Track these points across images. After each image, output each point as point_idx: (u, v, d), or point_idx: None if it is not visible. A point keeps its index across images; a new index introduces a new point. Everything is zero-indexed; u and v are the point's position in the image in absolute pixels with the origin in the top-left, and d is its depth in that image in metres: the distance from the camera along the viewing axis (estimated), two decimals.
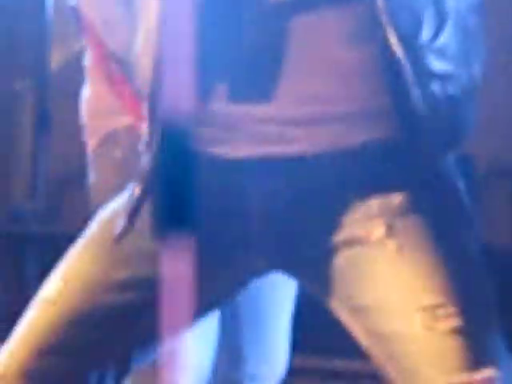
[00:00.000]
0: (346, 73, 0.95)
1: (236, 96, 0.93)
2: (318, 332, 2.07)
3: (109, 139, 1.41)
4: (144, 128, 0.99)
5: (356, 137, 0.94)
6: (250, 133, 0.95)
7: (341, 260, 0.99)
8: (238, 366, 1.65)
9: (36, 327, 1.08)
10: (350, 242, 0.99)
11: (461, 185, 1.00)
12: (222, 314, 1.52)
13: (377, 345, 0.99)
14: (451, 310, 0.94)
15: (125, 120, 1.37)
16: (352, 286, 0.98)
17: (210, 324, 1.51)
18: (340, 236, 0.99)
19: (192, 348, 1.26)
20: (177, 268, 0.93)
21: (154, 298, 1.00)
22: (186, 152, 0.92)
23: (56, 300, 1.07)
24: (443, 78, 0.97)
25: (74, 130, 1.38)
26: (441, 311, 0.94)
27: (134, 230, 1.02)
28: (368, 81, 0.96)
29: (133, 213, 1.02)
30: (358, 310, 0.99)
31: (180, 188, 0.94)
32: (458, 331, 0.94)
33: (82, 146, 1.40)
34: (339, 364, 2.67)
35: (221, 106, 0.94)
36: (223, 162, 0.98)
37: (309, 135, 0.93)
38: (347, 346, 1.11)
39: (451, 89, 0.96)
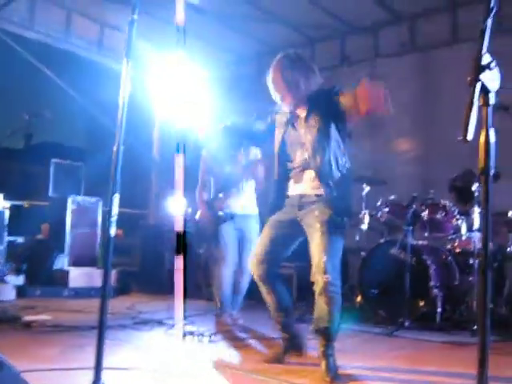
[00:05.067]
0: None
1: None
2: None
3: None
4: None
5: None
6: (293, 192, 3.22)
7: (310, 230, 3.07)
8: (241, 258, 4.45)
9: (259, 243, 3.26)
10: (311, 226, 3.06)
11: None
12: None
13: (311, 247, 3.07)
14: (325, 257, 2.94)
15: None
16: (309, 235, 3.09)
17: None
18: (311, 224, 3.06)
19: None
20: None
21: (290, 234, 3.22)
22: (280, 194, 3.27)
23: (263, 235, 3.27)
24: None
25: None
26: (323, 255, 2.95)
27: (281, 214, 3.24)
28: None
29: (272, 211, 3.27)
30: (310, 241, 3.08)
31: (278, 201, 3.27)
32: (325, 261, 2.93)
33: None
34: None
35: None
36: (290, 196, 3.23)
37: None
38: None
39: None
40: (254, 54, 7.86)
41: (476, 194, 4.50)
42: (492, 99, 1.57)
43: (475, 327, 4.12)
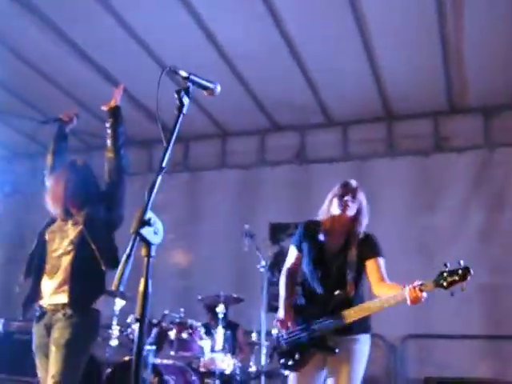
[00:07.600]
0: None
1: None
2: None
3: None
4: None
5: None
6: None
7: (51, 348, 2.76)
8: None
9: None
10: (51, 346, 2.75)
11: None
12: None
13: None
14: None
15: None
16: None
17: None
18: (51, 343, 2.74)
19: None
20: None
21: None
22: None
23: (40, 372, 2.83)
24: None
25: None
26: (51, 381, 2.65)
27: None
28: None
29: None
30: None
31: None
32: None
33: None
34: None
35: None
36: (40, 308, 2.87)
37: None
38: None
39: None
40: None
41: (220, 315, 4.79)
42: (153, 252, 1.57)
43: None
